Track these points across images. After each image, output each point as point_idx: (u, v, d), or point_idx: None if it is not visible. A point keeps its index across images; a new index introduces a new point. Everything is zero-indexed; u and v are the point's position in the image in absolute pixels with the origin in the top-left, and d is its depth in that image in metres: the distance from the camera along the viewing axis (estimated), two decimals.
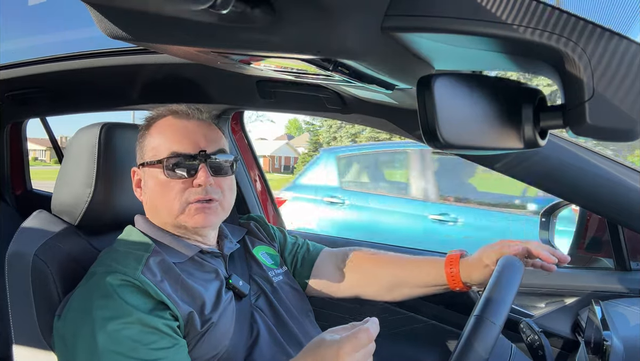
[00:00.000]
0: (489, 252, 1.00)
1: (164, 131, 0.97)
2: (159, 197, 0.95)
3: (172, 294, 0.86)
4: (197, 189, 0.93)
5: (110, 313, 0.80)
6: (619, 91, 0.42)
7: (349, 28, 0.48)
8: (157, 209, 0.97)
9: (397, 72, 0.64)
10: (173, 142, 0.94)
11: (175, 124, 0.97)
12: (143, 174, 0.99)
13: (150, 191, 0.97)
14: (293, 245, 1.23)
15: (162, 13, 0.49)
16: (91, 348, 0.78)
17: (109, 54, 1.32)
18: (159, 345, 0.80)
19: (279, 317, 1.02)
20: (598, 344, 0.90)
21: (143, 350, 0.78)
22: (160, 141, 0.96)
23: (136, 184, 1.01)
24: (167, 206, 0.94)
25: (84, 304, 0.84)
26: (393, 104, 1.05)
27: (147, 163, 0.96)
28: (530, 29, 0.43)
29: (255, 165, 1.83)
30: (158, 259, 0.90)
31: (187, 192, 0.93)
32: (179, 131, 0.96)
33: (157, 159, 0.94)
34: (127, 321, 0.80)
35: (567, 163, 1.03)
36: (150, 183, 0.96)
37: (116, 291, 0.82)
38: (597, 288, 1.26)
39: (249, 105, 1.46)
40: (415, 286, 1.11)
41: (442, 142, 0.46)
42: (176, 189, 0.93)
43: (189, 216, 0.94)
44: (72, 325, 0.83)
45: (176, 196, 0.93)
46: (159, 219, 0.99)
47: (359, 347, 0.75)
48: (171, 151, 0.94)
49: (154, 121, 1.00)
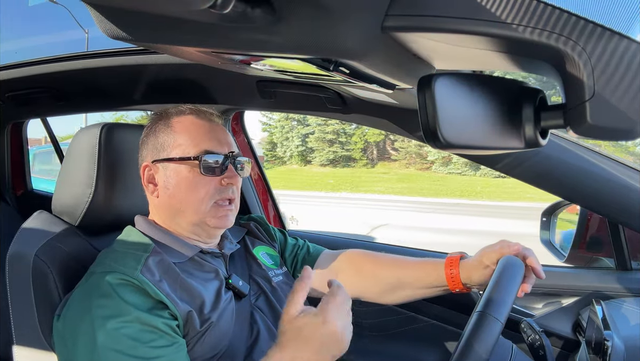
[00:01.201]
0: (489, 253, 1.00)
1: (190, 129, 0.97)
2: (186, 194, 0.95)
3: (170, 294, 0.86)
4: (226, 188, 0.96)
5: (110, 312, 0.80)
6: (619, 90, 0.42)
7: (350, 28, 0.48)
8: (181, 206, 0.96)
9: (398, 72, 0.64)
10: (204, 141, 0.96)
11: (201, 124, 0.98)
12: (163, 170, 0.97)
13: (174, 187, 0.96)
14: (294, 246, 1.24)
15: (162, 13, 0.49)
16: (90, 346, 0.78)
17: (109, 54, 1.32)
18: (158, 343, 0.80)
19: (278, 317, 1.02)
20: (599, 344, 0.90)
21: (142, 348, 0.79)
22: (188, 138, 0.96)
23: (148, 180, 0.99)
24: (195, 202, 0.95)
25: (83, 303, 0.84)
26: (394, 104, 1.05)
27: (173, 159, 0.96)
28: (531, 28, 0.43)
29: (256, 165, 1.83)
30: (157, 259, 0.91)
31: (215, 190, 0.96)
32: (208, 131, 0.98)
33: (187, 155, 0.95)
34: (126, 320, 0.80)
35: (567, 163, 1.02)
36: (175, 180, 0.96)
37: (115, 290, 0.82)
38: (598, 287, 1.26)
39: (250, 105, 1.46)
40: (415, 287, 1.11)
41: (442, 142, 0.46)
42: (207, 187, 0.95)
43: (213, 215, 0.96)
44: (71, 324, 0.83)
45: (207, 194, 0.95)
46: (173, 218, 0.98)
47: (342, 305, 0.81)
48: (204, 149, 0.95)
49: (171, 117, 0.99)
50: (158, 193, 0.98)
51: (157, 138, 0.98)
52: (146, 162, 0.99)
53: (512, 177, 1.09)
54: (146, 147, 1.00)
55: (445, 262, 1.06)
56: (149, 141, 1.00)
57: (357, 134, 28.34)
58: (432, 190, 20.30)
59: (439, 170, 26.60)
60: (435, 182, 23.66)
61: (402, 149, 29.27)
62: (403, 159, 29.15)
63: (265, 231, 1.22)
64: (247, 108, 1.60)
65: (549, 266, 1.36)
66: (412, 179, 24.71)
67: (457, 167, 25.29)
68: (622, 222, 1.13)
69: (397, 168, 28.37)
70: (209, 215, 0.96)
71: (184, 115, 0.99)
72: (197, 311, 0.88)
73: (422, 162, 28.06)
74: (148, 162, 0.99)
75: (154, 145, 0.99)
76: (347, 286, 1.17)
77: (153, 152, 0.99)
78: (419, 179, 24.64)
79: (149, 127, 1.01)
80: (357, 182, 22.49)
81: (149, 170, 0.99)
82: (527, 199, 14.40)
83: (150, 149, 0.99)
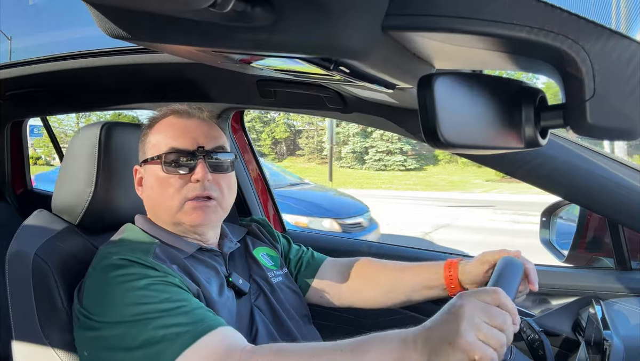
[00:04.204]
0: (488, 256, 1.01)
1: (164, 129, 0.98)
2: (158, 194, 0.96)
3: (182, 275, 0.88)
4: (195, 185, 0.94)
5: (130, 277, 0.81)
6: (619, 90, 0.42)
7: (350, 27, 0.48)
8: (157, 207, 0.98)
9: (398, 72, 0.64)
10: (172, 139, 0.96)
11: (175, 123, 0.98)
12: (144, 172, 1.00)
13: (149, 188, 0.98)
14: (298, 250, 1.26)
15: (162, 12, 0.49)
16: (121, 308, 0.79)
17: (109, 53, 1.32)
18: (182, 295, 0.81)
19: (277, 317, 1.02)
20: (598, 343, 0.90)
21: (167, 299, 0.79)
22: (160, 138, 0.97)
23: (138, 183, 1.02)
24: (165, 202, 0.95)
25: (102, 278, 0.84)
26: (394, 103, 1.05)
27: (148, 160, 0.98)
28: (531, 27, 0.43)
29: (256, 164, 1.83)
30: (164, 250, 0.92)
31: (185, 188, 0.94)
32: (179, 129, 0.97)
33: (156, 155, 0.96)
34: (148, 281, 0.81)
35: (567, 163, 1.02)
36: (150, 180, 0.97)
37: (132, 262, 0.84)
38: (598, 287, 1.26)
39: (250, 104, 1.46)
40: (413, 289, 1.11)
41: (442, 142, 0.46)
42: (175, 186, 0.94)
43: (187, 213, 0.94)
44: (96, 299, 0.83)
45: (175, 192, 0.94)
46: (159, 218, 0.99)
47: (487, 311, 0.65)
48: (170, 147, 0.95)
49: (156, 120, 1.01)
50: (143, 194, 1.01)
51: (143, 141, 1.02)
52: (136, 165, 1.04)
53: (512, 177, 1.09)
54: (138, 150, 1.04)
55: (444, 264, 1.07)
56: (140, 144, 1.03)
57: (265, 131, 33.26)
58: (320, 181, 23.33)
59: (334, 164, 30.20)
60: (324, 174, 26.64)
61: (305, 146, 34.34)
62: (306, 154, 33.90)
63: (268, 232, 1.23)
64: (247, 107, 1.60)
65: (548, 266, 1.36)
66: (308, 172, 27.64)
67: (348, 161, 30.72)
68: (622, 222, 1.13)
69: (300, 163, 32.62)
70: (181, 213, 0.95)
71: (166, 117, 1.01)
72: (204, 298, 0.89)
73: (321, 157, 32.73)
74: (137, 165, 1.03)
75: (141, 148, 1.02)
76: (348, 289, 1.18)
77: (140, 155, 1.02)
78: (313, 172, 27.82)
79: (142, 130, 1.04)
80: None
81: (139, 173, 1.02)
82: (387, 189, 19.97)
83: (140, 151, 1.03)
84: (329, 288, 1.18)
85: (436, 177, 26.43)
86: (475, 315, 0.64)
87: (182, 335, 0.74)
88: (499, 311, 0.66)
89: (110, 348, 0.78)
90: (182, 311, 0.78)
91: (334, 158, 29.88)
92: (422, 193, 19.04)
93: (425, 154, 31.42)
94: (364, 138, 30.65)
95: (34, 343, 0.94)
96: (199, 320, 0.77)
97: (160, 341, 0.74)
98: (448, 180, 24.77)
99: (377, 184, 22.71)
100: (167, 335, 0.74)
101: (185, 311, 0.78)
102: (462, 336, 0.62)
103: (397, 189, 20.87)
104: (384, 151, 29.77)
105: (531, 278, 0.96)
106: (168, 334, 0.74)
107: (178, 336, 0.74)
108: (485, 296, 0.67)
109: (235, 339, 0.78)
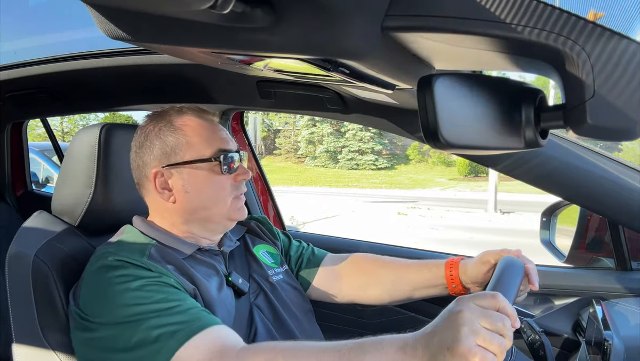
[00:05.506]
0: (488, 256, 1.01)
1: (199, 130, 0.96)
2: (210, 194, 0.96)
3: (179, 276, 0.88)
4: (239, 183, 1.00)
5: (125, 278, 0.82)
6: (619, 90, 0.42)
7: (350, 28, 0.48)
8: (203, 210, 0.96)
9: (398, 72, 0.64)
10: (216, 140, 0.97)
11: (207, 124, 0.98)
12: (178, 174, 0.95)
13: (194, 190, 0.95)
14: (298, 247, 1.25)
15: (162, 13, 0.49)
16: (116, 309, 0.79)
17: (109, 54, 1.32)
18: (177, 295, 0.82)
19: (277, 316, 1.02)
20: (599, 344, 0.90)
21: (162, 299, 0.80)
22: (200, 139, 0.95)
23: (162, 186, 0.95)
24: (220, 201, 0.97)
25: (98, 278, 0.85)
26: (394, 104, 1.05)
27: (189, 162, 0.94)
28: (530, 28, 0.43)
29: (256, 164, 1.83)
30: (160, 251, 0.92)
31: (235, 186, 0.99)
32: (214, 130, 0.98)
33: (203, 157, 0.94)
34: (142, 282, 0.82)
35: (567, 163, 1.02)
36: (194, 182, 0.95)
37: (127, 263, 0.84)
38: (598, 287, 1.26)
39: (250, 105, 1.46)
40: (414, 287, 1.11)
41: (442, 142, 0.46)
42: (229, 184, 0.98)
43: (237, 210, 0.99)
44: (91, 300, 0.84)
45: (230, 191, 0.98)
46: (183, 221, 0.98)
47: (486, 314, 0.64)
48: (219, 148, 0.96)
49: (173, 119, 0.97)
50: (175, 197, 0.95)
51: (165, 142, 0.95)
52: (156, 169, 0.95)
53: (512, 177, 1.09)
54: (150, 151, 0.95)
55: (445, 263, 1.07)
56: (153, 145, 0.95)
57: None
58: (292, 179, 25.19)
59: (310, 163, 32.35)
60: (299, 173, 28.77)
61: (281, 146, 35.79)
62: (283, 154, 35.29)
63: (268, 230, 1.23)
64: (248, 108, 1.60)
65: (549, 266, 1.36)
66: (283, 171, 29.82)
67: (322, 160, 31.79)
68: (622, 222, 1.13)
69: (277, 162, 34.13)
70: (232, 210, 0.98)
71: (186, 115, 0.97)
72: (201, 298, 0.89)
73: (297, 156, 34.20)
74: (158, 168, 0.95)
75: (162, 149, 0.94)
76: (349, 285, 1.18)
77: (162, 157, 0.95)
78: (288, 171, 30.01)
79: (149, 130, 0.97)
80: None
81: (161, 176, 0.95)
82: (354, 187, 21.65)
83: (158, 153, 0.95)
84: (330, 284, 1.18)
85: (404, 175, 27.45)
86: (475, 320, 0.64)
87: (177, 333, 0.75)
88: (498, 316, 0.65)
89: (106, 348, 0.79)
90: (177, 311, 0.78)
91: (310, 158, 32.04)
92: (380, 191, 20.14)
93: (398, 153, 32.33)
94: (338, 138, 31.50)
95: (34, 344, 0.94)
96: (194, 319, 0.77)
97: (156, 341, 0.75)
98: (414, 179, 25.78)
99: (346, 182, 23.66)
100: (163, 335, 0.75)
101: (180, 310, 0.78)
102: (462, 341, 0.62)
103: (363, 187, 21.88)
104: (356, 151, 30.68)
105: (532, 277, 0.96)
106: (163, 333, 0.75)
107: (173, 335, 0.75)
108: (483, 301, 0.67)
109: (231, 338, 0.78)
